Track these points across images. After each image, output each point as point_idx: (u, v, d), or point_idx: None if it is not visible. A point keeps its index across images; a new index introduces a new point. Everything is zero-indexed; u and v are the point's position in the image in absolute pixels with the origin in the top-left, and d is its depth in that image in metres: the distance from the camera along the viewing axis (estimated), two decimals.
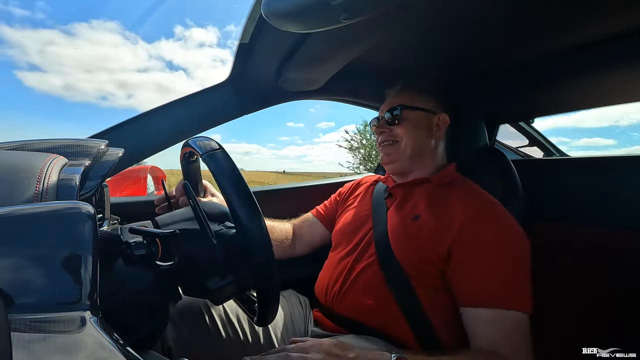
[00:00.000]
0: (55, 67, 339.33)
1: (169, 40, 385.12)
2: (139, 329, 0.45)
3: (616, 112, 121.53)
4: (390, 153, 0.78)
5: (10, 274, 0.25)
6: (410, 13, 0.66)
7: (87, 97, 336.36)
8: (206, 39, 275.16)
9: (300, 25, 0.45)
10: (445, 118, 0.78)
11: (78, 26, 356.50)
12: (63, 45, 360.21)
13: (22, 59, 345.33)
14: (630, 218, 0.80)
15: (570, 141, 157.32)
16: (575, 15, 0.66)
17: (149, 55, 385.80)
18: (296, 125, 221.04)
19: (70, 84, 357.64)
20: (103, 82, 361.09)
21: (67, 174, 0.39)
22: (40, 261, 0.26)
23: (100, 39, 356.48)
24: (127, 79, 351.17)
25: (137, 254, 0.43)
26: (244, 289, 0.54)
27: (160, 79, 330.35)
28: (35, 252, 0.26)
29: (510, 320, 0.55)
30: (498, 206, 0.67)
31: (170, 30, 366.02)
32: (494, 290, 0.57)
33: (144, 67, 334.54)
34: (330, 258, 0.81)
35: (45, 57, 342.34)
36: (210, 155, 0.46)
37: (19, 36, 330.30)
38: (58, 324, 0.24)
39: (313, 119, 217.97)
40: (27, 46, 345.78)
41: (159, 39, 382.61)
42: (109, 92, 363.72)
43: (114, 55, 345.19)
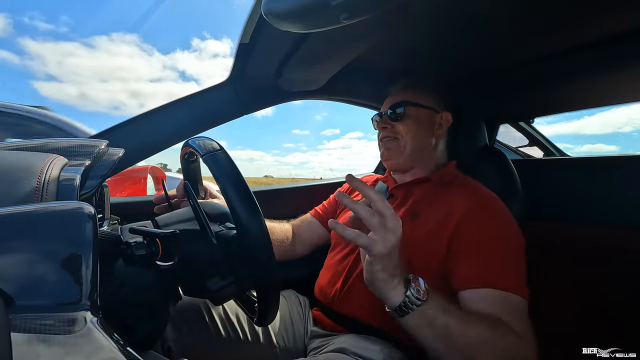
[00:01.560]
0: (72, 77, 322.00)
1: (185, 51, 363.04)
2: (139, 329, 0.45)
3: (620, 118, 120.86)
4: (391, 149, 0.78)
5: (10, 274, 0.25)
6: (410, 13, 0.66)
7: (99, 107, 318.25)
8: (220, 50, 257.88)
9: (300, 25, 0.45)
10: (447, 117, 0.78)
11: (98, 39, 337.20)
12: (82, 57, 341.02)
13: (40, 70, 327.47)
14: (630, 218, 0.81)
15: (573, 147, 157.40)
16: (575, 15, 0.66)
17: (163, 66, 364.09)
18: (302, 132, 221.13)
19: (84, 93, 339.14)
20: (117, 91, 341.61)
21: (67, 174, 0.39)
22: (41, 261, 0.26)
23: (118, 51, 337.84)
24: (140, 88, 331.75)
25: (137, 254, 0.43)
26: (244, 289, 0.54)
27: (173, 89, 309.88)
28: (35, 253, 0.26)
29: (508, 301, 0.54)
30: (495, 199, 0.67)
31: (187, 42, 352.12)
32: (490, 273, 0.56)
33: (157, 77, 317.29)
34: (329, 258, 0.81)
35: (63, 67, 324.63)
36: (210, 156, 0.46)
37: (41, 48, 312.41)
38: (58, 324, 0.24)
39: (319, 126, 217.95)
40: (46, 57, 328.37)
41: (174, 50, 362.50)
42: (121, 101, 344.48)
43: (129, 66, 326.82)
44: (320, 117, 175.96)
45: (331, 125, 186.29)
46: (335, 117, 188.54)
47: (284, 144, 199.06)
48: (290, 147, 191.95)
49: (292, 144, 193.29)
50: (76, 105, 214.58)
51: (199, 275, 0.49)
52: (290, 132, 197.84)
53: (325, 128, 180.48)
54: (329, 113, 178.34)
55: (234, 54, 0.83)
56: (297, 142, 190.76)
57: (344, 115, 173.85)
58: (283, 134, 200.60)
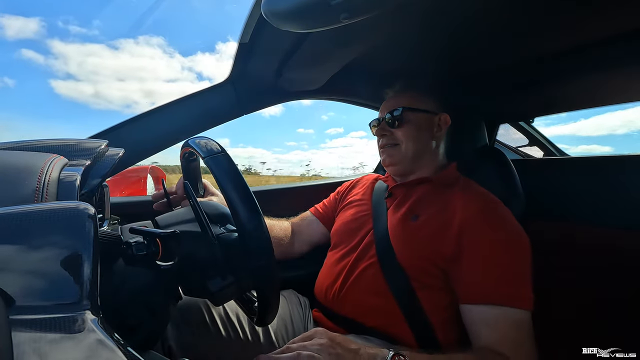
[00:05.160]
0: (91, 76, 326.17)
1: (206, 53, 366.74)
2: (139, 329, 0.45)
3: (614, 120, 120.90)
4: (392, 155, 0.78)
5: (10, 275, 0.25)
6: (410, 13, 0.66)
7: (111, 105, 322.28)
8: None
9: (300, 25, 0.45)
10: (446, 118, 0.78)
11: (124, 41, 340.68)
12: (104, 57, 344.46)
13: (61, 69, 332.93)
14: (630, 217, 0.81)
15: (568, 148, 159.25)
16: (575, 15, 0.66)
17: (182, 67, 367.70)
18: (306, 131, 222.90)
19: (99, 91, 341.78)
20: (132, 90, 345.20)
21: (67, 174, 0.39)
22: (41, 261, 0.26)
23: (141, 52, 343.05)
24: (155, 88, 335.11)
25: (137, 254, 0.43)
26: (245, 290, 0.54)
27: (186, 89, 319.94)
28: (35, 253, 0.26)
29: (511, 318, 0.55)
30: (498, 204, 0.66)
31: (211, 45, 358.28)
32: (494, 287, 0.56)
33: (175, 78, 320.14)
34: (329, 257, 0.81)
35: (83, 67, 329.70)
36: (210, 156, 0.46)
37: (66, 49, 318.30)
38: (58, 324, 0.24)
39: (324, 126, 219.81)
40: (70, 57, 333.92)
41: (195, 53, 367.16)
42: (134, 100, 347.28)
43: (149, 66, 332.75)
44: (326, 117, 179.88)
45: (336, 124, 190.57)
46: (341, 117, 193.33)
47: (287, 142, 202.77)
48: (293, 145, 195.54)
49: (294, 142, 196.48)
50: (89, 103, 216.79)
51: (199, 275, 0.49)
52: (294, 131, 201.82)
53: (330, 127, 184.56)
54: (335, 113, 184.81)
55: (234, 53, 0.83)
56: (300, 140, 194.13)
57: (349, 115, 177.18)
58: (287, 132, 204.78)
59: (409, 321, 0.63)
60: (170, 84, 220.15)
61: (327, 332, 0.52)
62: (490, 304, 0.56)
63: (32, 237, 0.27)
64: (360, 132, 26.49)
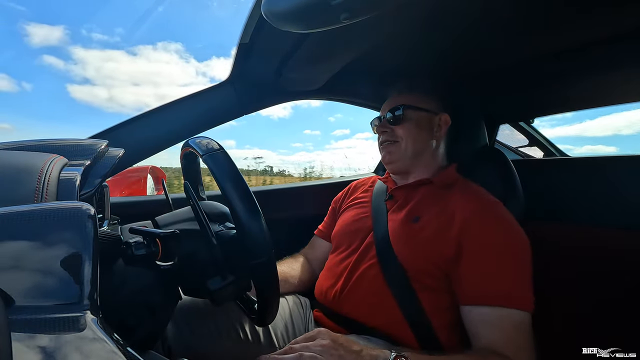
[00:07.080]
0: (107, 80, 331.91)
1: (221, 57, 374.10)
2: (139, 329, 0.45)
3: (620, 121, 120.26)
4: (392, 152, 0.78)
5: (10, 275, 0.25)
6: (410, 13, 0.66)
7: (123, 109, 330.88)
8: None
9: (300, 25, 0.45)
10: (446, 118, 0.78)
11: (142, 47, 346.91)
12: (121, 62, 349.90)
13: (79, 74, 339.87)
14: (630, 217, 0.80)
15: (573, 148, 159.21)
16: (575, 15, 0.66)
17: (197, 72, 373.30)
18: (312, 132, 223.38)
19: (113, 96, 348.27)
20: (145, 95, 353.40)
21: (67, 174, 0.39)
22: (40, 261, 0.26)
23: (158, 57, 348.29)
24: (168, 92, 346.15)
25: (137, 254, 0.43)
26: (245, 289, 0.54)
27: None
28: (35, 253, 0.26)
29: (511, 319, 0.55)
30: (498, 205, 0.66)
31: (227, 51, 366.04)
32: (494, 289, 0.56)
33: (189, 82, 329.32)
34: (330, 259, 0.81)
35: (100, 71, 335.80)
36: (210, 156, 0.46)
37: (86, 55, 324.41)
38: (58, 325, 0.24)
39: (330, 127, 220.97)
40: (88, 62, 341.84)
41: (210, 58, 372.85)
42: (146, 103, 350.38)
43: (165, 71, 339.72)
44: (333, 119, 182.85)
45: (342, 125, 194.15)
46: (349, 119, 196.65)
47: (293, 144, 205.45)
48: (298, 146, 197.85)
49: (300, 143, 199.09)
50: (102, 107, 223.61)
51: (199, 275, 0.49)
52: (301, 132, 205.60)
53: (336, 129, 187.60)
54: (342, 114, 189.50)
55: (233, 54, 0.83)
56: (305, 141, 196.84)
57: (356, 116, 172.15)
58: (294, 133, 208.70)
59: (409, 322, 0.63)
60: (184, 88, 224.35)
61: (330, 332, 0.52)
62: (490, 305, 0.56)
63: (31, 237, 0.27)
64: (366, 134, 26.53)
